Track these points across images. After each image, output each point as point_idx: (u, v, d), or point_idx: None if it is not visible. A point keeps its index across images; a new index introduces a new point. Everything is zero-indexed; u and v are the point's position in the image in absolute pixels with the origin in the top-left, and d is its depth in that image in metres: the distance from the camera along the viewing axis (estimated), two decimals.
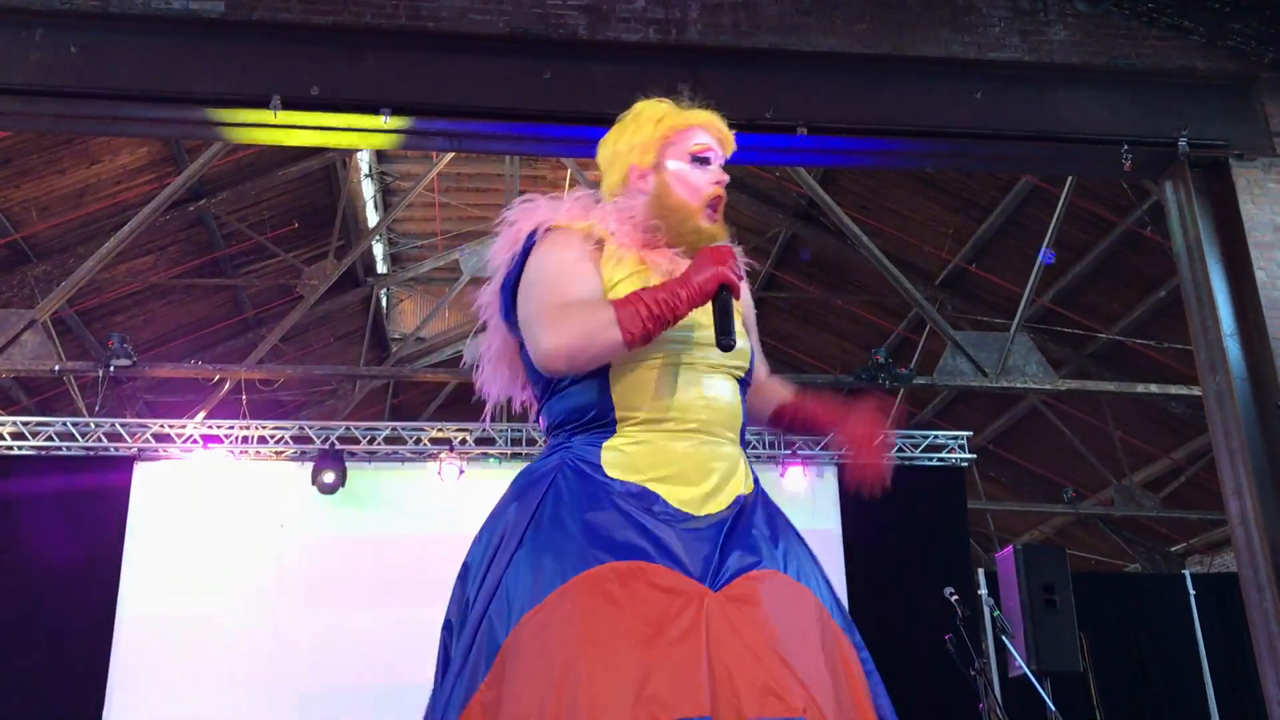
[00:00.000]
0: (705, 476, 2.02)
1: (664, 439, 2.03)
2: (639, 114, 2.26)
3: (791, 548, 2.04)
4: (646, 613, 1.78)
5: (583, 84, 6.42)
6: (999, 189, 10.07)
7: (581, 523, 1.91)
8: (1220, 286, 6.68)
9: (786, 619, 1.85)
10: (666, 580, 1.83)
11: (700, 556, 1.90)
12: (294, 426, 9.12)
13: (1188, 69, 6.88)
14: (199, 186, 9.80)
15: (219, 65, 6.18)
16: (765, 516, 2.07)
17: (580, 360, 1.97)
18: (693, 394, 2.06)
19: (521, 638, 1.80)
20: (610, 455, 2.01)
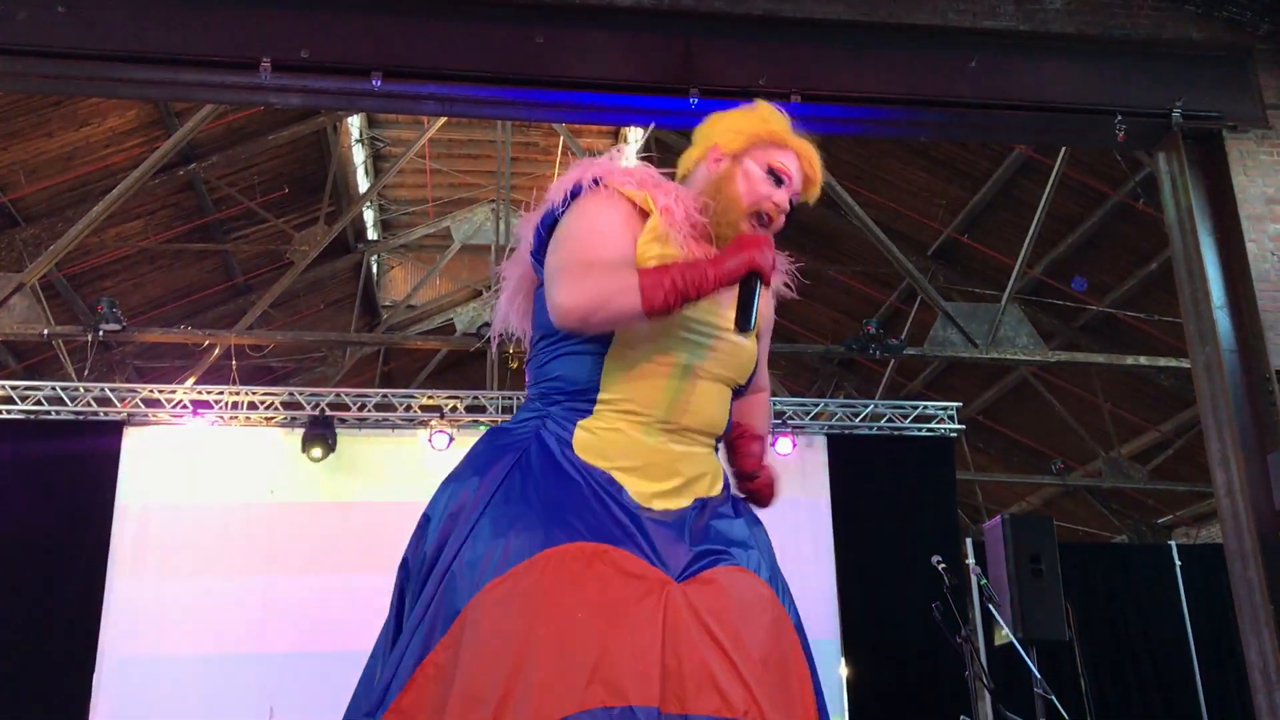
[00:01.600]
0: (669, 475, 2.01)
1: (637, 431, 2.01)
2: (756, 109, 2.25)
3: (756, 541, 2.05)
4: (609, 595, 1.79)
5: (575, 49, 6.38)
6: (992, 160, 10.05)
7: (551, 500, 1.91)
8: (1211, 258, 6.69)
9: (743, 616, 1.87)
10: (631, 566, 1.84)
11: (667, 547, 1.91)
12: (284, 393, 9.10)
13: (1183, 40, 6.85)
14: (188, 150, 9.73)
15: (208, 27, 6.12)
16: (730, 513, 2.08)
17: (595, 320, 1.94)
18: (680, 396, 2.05)
19: (482, 605, 1.81)
20: (583, 436, 2.01)
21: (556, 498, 1.92)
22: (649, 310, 1.92)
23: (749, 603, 1.91)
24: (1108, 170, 9.35)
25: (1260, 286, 6.50)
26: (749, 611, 1.89)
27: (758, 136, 2.19)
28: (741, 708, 1.74)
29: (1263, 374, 6.37)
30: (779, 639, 1.92)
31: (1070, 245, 10.35)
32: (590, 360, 2.04)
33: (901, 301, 11.87)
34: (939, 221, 10.97)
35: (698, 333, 2.07)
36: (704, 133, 2.25)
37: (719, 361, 2.09)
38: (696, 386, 2.06)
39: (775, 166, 2.17)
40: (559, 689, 1.69)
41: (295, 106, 8.99)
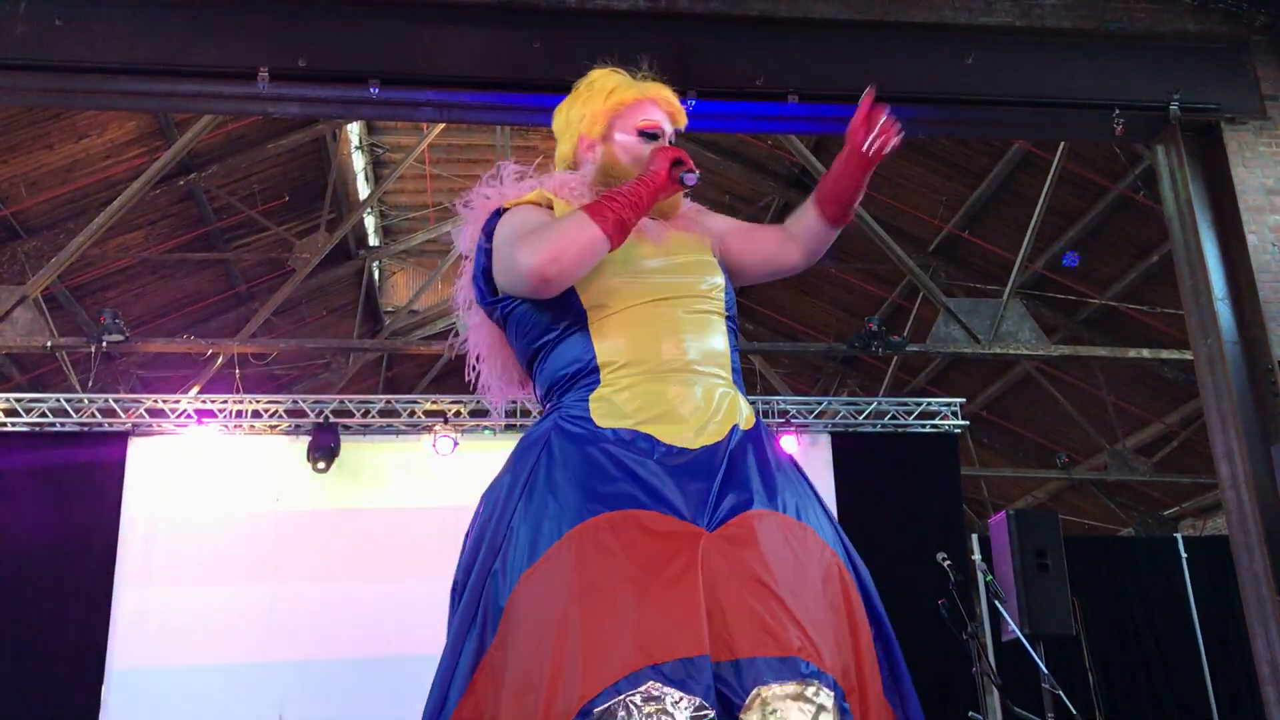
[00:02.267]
0: (695, 411, 2.03)
1: (649, 381, 2.04)
2: (591, 83, 2.31)
3: (791, 486, 2.03)
4: (641, 558, 1.79)
5: (573, 54, 6.34)
6: (991, 155, 10.05)
7: (574, 479, 1.92)
8: (1211, 250, 6.68)
9: (783, 558, 1.85)
10: (660, 525, 1.84)
11: (695, 498, 1.90)
12: (287, 400, 9.12)
13: (1180, 32, 6.84)
14: (188, 160, 9.76)
15: (205, 38, 6.12)
16: (765, 455, 2.06)
17: (565, 264, 1.99)
18: (674, 335, 2.08)
19: (521, 596, 1.83)
20: (598, 405, 2.03)
21: (581, 475, 1.93)
22: (607, 230, 1.99)
23: (789, 546, 1.89)
24: (1107, 164, 9.35)
25: (1261, 278, 6.48)
26: (790, 554, 1.88)
27: (613, 111, 2.26)
28: (795, 644, 1.73)
29: (1265, 365, 6.36)
30: (827, 582, 1.91)
31: (1071, 239, 10.34)
32: (578, 339, 2.09)
33: (903, 298, 11.87)
34: (939, 218, 10.97)
35: (656, 270, 2.13)
36: (563, 126, 2.36)
37: (687, 288, 2.14)
38: (682, 322, 2.10)
39: (642, 126, 2.25)
40: (602, 659, 1.68)
41: (294, 115, 8.99)
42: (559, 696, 1.68)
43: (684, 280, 2.14)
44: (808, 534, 1.94)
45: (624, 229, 2.03)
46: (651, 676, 1.65)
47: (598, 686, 1.66)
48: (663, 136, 2.25)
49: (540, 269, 1.98)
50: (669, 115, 2.30)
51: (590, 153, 2.27)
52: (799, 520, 1.96)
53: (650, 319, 2.08)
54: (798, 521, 1.95)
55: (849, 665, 1.83)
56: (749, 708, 1.67)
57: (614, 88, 2.28)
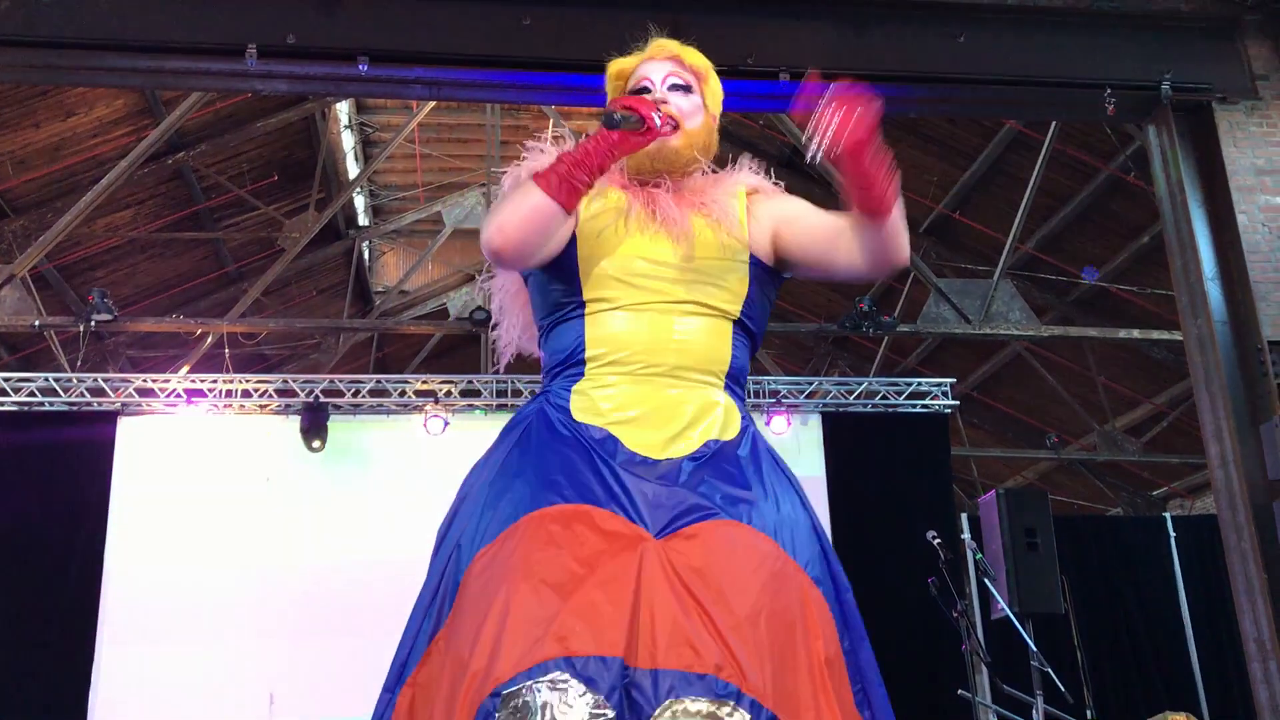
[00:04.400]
0: (668, 421, 2.01)
1: (628, 382, 2.03)
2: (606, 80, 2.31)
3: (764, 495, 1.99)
4: (581, 552, 1.81)
5: (562, 30, 6.35)
6: (982, 136, 10.04)
7: (539, 467, 1.96)
8: (1202, 230, 6.69)
9: (726, 571, 1.83)
10: (609, 524, 1.86)
11: (652, 503, 1.90)
12: (277, 380, 9.10)
13: (1171, 11, 6.84)
14: (177, 139, 9.69)
15: (193, 14, 6.08)
16: (743, 463, 2.03)
17: (510, 233, 1.97)
18: (666, 336, 2.05)
19: (472, 573, 1.88)
20: (578, 399, 2.05)
21: (548, 464, 1.95)
22: (549, 189, 1.95)
23: (737, 558, 1.86)
24: (1098, 144, 9.34)
25: (1251, 258, 6.50)
26: (736, 566, 1.84)
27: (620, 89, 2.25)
28: (714, 661, 1.72)
29: (1254, 345, 6.38)
30: (778, 595, 1.85)
31: (1062, 220, 10.35)
32: (574, 325, 2.09)
33: (895, 279, 11.87)
34: (930, 198, 10.96)
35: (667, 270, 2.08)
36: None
37: (697, 291, 2.08)
38: (678, 323, 2.07)
39: (633, 87, 2.20)
40: (522, 645, 1.72)
41: (282, 93, 8.94)
42: (480, 675, 1.73)
43: (696, 283, 2.09)
44: (767, 545, 1.90)
45: (573, 191, 1.97)
46: (562, 667, 1.69)
47: (512, 670, 1.70)
48: (654, 89, 2.18)
49: (489, 241, 1.99)
50: (668, 61, 2.23)
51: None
52: (762, 531, 1.92)
53: (648, 320, 2.06)
54: (760, 533, 1.91)
55: (797, 686, 1.79)
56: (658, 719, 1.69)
57: (618, 70, 2.28)
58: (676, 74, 2.21)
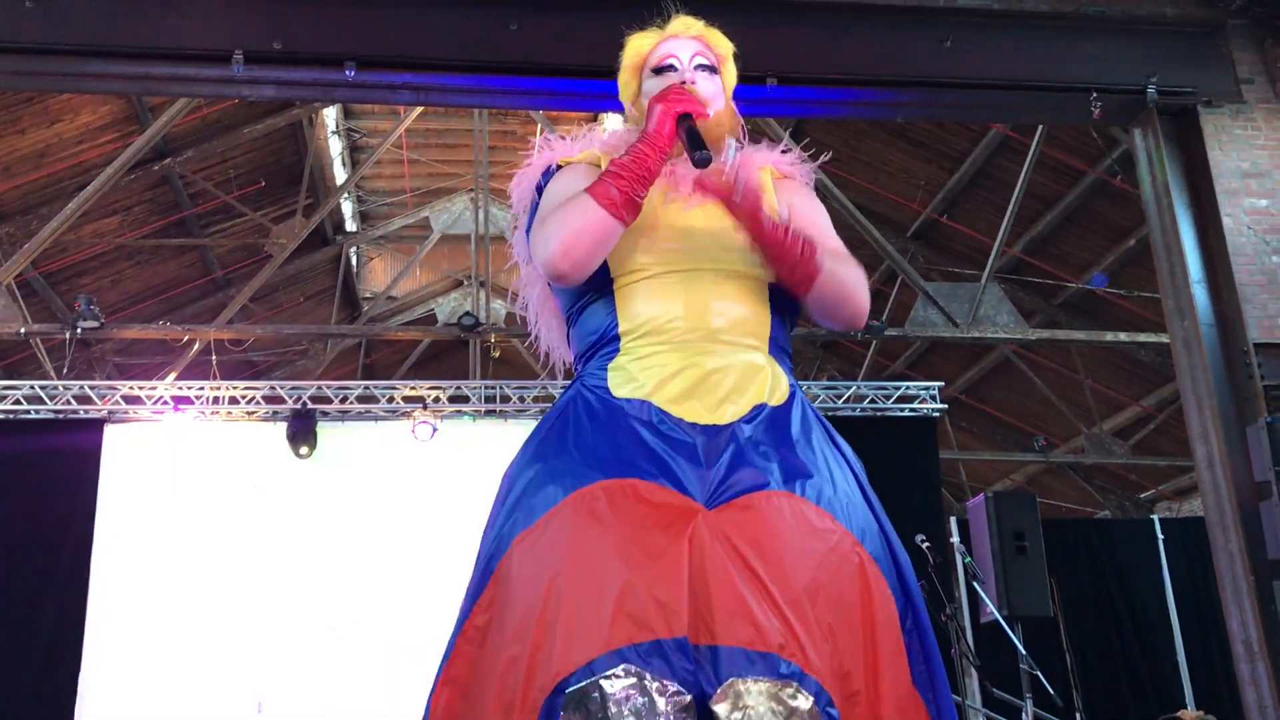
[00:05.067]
0: (715, 385, 1.91)
1: (668, 351, 1.94)
2: (623, 55, 2.23)
3: (818, 466, 1.90)
4: (631, 529, 1.72)
5: (550, 36, 6.34)
6: (969, 140, 10.07)
7: (582, 445, 1.87)
8: (1188, 233, 6.71)
9: (786, 545, 1.74)
10: (658, 496, 1.76)
11: (702, 474, 1.81)
12: (265, 387, 9.07)
13: (1156, 15, 6.86)
14: (163, 145, 9.66)
15: (179, 20, 6.06)
16: (791, 434, 1.93)
17: (580, 252, 1.91)
18: (701, 302, 1.97)
19: (513, 559, 1.78)
20: (615, 374, 1.96)
21: (591, 441, 1.87)
22: (611, 208, 1.90)
23: (794, 531, 1.76)
24: (1084, 148, 9.38)
25: (1237, 260, 6.52)
26: (793, 540, 1.75)
27: (634, 69, 2.19)
28: (777, 640, 1.62)
29: (1240, 347, 6.40)
30: (836, 572, 1.76)
31: (1049, 223, 10.39)
32: (604, 305, 2.01)
33: (882, 283, 11.88)
34: (917, 202, 10.99)
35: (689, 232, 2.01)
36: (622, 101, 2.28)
37: (722, 250, 2.00)
38: (711, 288, 1.98)
39: (656, 65, 2.15)
40: (584, 632, 1.63)
41: (269, 99, 8.93)
42: (538, 672, 1.64)
43: (720, 242, 2.01)
44: (824, 520, 1.80)
45: (634, 206, 1.92)
46: (629, 658, 1.59)
47: (574, 664, 1.61)
48: (681, 68, 2.12)
49: (553, 265, 1.93)
50: (694, 40, 2.18)
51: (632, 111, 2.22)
52: (817, 505, 1.82)
53: (677, 285, 1.97)
54: (815, 506, 1.81)
55: (853, 666, 1.71)
56: (721, 697, 1.60)
57: (634, 47, 2.20)
58: (704, 54, 2.16)
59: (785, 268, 1.97)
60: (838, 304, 2.03)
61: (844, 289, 2.01)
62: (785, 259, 1.95)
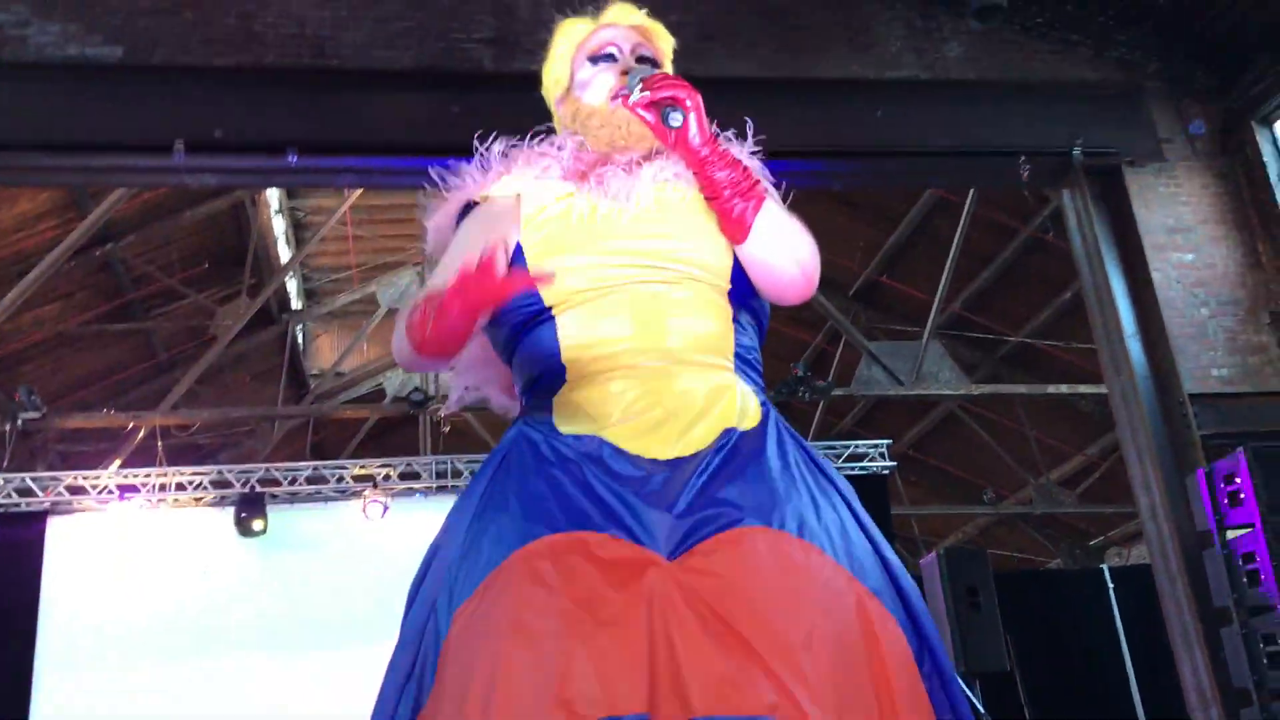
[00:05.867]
0: (674, 413, 1.68)
1: (619, 375, 1.71)
2: (552, 43, 2.05)
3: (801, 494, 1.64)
4: (579, 592, 1.48)
5: (491, 116, 6.36)
6: (906, 201, 10.29)
7: (523, 496, 1.63)
8: (1120, 288, 6.90)
9: (765, 588, 1.49)
10: (609, 550, 1.52)
11: (659, 518, 1.57)
12: (212, 471, 8.97)
13: (1078, 80, 7.11)
14: (104, 230, 9.61)
15: (120, 111, 6.09)
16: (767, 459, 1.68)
17: (409, 366, 1.83)
18: (653, 318, 1.74)
19: (454, 637, 1.55)
20: (561, 410, 1.73)
21: (534, 491, 1.63)
22: (419, 348, 1.73)
23: (773, 571, 1.51)
24: (1017, 206, 9.62)
25: (1168, 314, 6.72)
26: (774, 582, 1.50)
27: (565, 59, 2.01)
28: (767, 700, 1.38)
29: (1177, 399, 6.57)
30: (830, 612, 1.50)
31: (986, 280, 10.60)
32: (545, 333, 1.78)
33: (827, 342, 12.05)
34: (858, 263, 11.18)
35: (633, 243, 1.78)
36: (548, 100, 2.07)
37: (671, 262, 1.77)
38: (665, 302, 1.75)
39: (593, 53, 1.96)
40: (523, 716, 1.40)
41: (211, 186, 8.93)
42: None
43: (668, 251, 1.78)
44: (811, 555, 1.55)
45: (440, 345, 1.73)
46: None
47: None
48: (621, 56, 1.94)
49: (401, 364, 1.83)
50: (633, 31, 1.98)
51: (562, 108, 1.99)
52: (800, 538, 1.57)
53: (624, 302, 1.74)
54: (800, 540, 1.56)
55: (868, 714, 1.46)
56: None
57: (565, 37, 2.02)
58: (645, 46, 1.98)
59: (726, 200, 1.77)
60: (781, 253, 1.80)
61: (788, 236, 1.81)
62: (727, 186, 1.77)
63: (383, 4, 6.52)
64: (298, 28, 6.39)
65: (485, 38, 6.51)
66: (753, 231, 1.77)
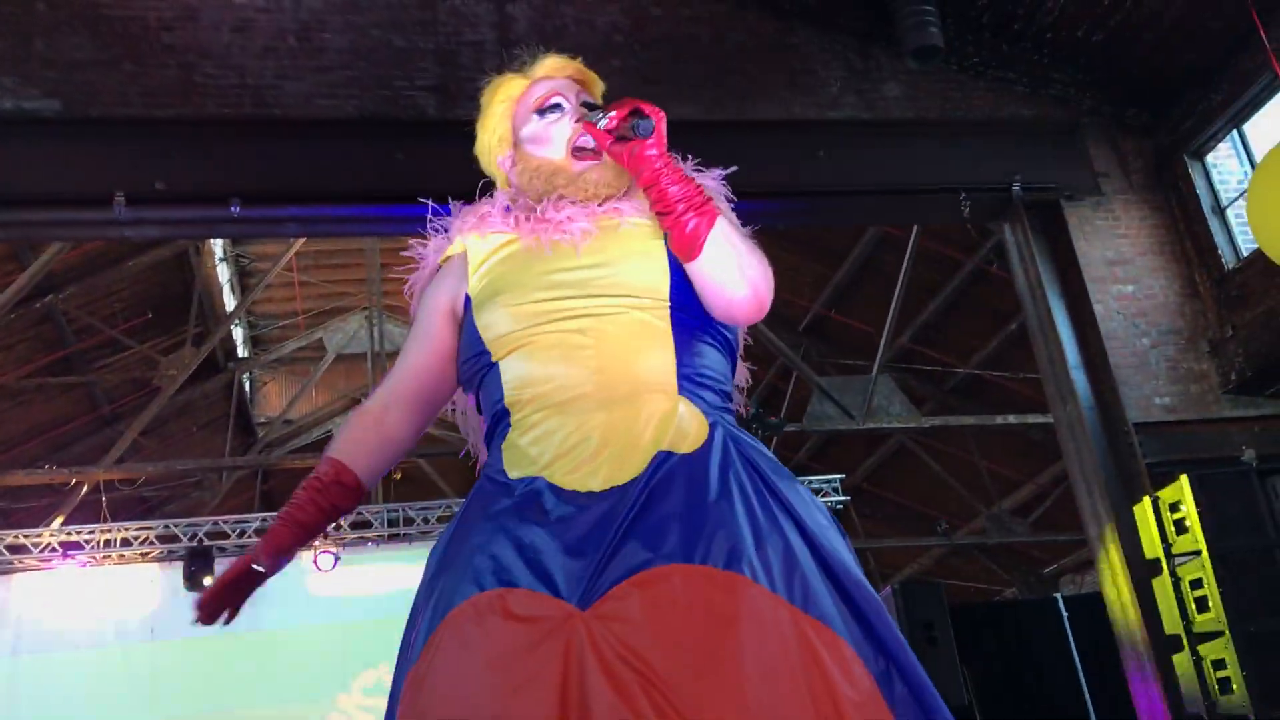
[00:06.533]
0: (605, 443, 1.66)
1: (554, 414, 1.71)
2: (486, 100, 2.03)
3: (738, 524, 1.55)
4: (494, 653, 1.46)
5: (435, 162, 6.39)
6: (851, 237, 10.39)
7: (469, 549, 1.62)
8: (1062, 320, 7.00)
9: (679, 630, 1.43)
10: (526, 606, 1.50)
11: (581, 564, 1.53)
12: (159, 525, 8.81)
13: (1015, 118, 7.24)
14: (45, 282, 9.46)
15: (59, 165, 6.01)
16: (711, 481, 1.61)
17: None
18: (584, 354, 1.73)
19: (404, 703, 1.54)
20: (509, 454, 1.73)
21: (473, 545, 1.62)
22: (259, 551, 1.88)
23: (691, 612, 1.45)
24: (961, 238, 9.74)
25: (1110, 344, 6.82)
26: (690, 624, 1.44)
27: (505, 116, 1.99)
28: None
29: (1122, 428, 6.65)
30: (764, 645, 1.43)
31: (933, 312, 10.71)
32: (492, 380, 1.80)
33: (778, 378, 12.10)
34: (806, 298, 11.26)
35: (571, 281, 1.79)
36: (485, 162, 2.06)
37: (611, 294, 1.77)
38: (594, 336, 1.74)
39: (538, 106, 1.95)
40: None
41: (153, 239, 8.84)
42: None
43: (598, 277, 1.78)
44: (738, 587, 1.46)
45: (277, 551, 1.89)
46: None
47: None
48: (566, 107, 1.92)
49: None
50: (567, 81, 1.98)
51: (515, 168, 1.96)
52: (728, 569, 1.48)
53: (557, 339, 1.74)
54: (725, 572, 1.48)
55: None
56: None
57: (500, 90, 2.00)
58: (585, 93, 1.97)
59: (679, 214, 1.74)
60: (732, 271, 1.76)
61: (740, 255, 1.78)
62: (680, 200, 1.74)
63: (325, 53, 6.50)
64: (239, 78, 6.36)
65: (428, 85, 6.52)
66: (704, 248, 1.74)
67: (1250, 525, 5.85)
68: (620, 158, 1.78)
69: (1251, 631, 5.60)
